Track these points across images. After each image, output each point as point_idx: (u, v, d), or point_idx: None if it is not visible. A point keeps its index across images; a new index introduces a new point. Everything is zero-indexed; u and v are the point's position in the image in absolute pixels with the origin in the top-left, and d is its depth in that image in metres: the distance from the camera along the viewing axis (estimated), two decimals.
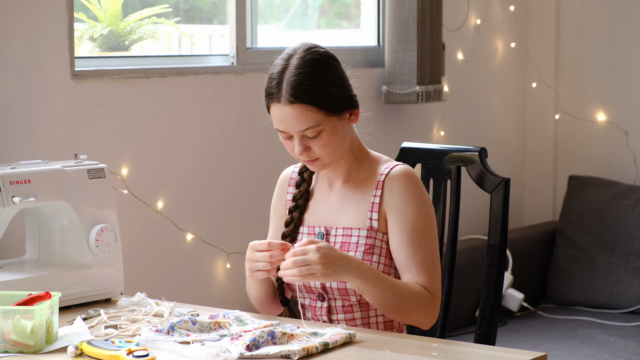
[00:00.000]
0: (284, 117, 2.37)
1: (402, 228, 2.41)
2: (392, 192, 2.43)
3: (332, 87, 2.39)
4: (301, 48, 2.43)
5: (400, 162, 2.49)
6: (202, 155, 3.54)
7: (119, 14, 3.46)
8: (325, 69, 2.40)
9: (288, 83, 2.36)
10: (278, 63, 2.42)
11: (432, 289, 2.39)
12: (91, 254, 2.63)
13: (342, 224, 2.47)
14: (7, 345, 2.16)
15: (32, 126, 3.03)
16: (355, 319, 2.43)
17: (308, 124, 2.36)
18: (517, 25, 4.93)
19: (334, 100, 2.38)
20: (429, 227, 2.42)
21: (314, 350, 2.12)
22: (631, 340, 4.05)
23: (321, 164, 2.43)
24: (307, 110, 2.35)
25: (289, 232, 2.52)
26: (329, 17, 4.50)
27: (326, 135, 2.38)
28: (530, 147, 5.04)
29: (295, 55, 2.41)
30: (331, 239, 2.47)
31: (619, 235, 4.50)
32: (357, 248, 2.43)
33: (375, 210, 2.44)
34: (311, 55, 2.40)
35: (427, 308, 2.38)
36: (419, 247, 2.40)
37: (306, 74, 2.37)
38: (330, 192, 2.51)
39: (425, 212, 2.42)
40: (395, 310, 2.35)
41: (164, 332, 2.21)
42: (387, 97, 4.18)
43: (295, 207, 2.53)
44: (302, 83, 2.36)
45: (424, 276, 2.39)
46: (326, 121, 2.38)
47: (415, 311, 2.37)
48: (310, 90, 2.36)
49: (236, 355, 2.07)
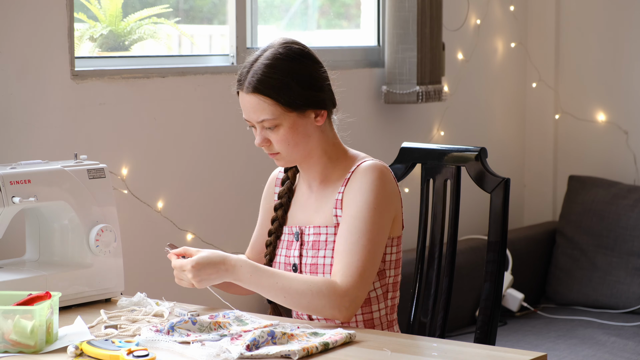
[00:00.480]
0: (244, 106, 2.42)
1: (346, 215, 2.39)
2: (351, 185, 2.42)
3: (294, 84, 2.39)
4: (278, 42, 2.45)
5: (374, 159, 2.46)
6: (202, 155, 3.54)
7: (119, 14, 3.46)
8: (292, 65, 2.41)
9: (253, 73, 2.39)
10: (254, 54, 2.45)
11: (343, 278, 2.32)
12: (91, 254, 2.63)
13: (314, 223, 2.48)
14: (7, 345, 2.16)
15: (32, 126, 3.03)
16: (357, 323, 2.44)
17: (264, 115, 2.39)
18: (517, 25, 4.93)
19: (293, 97, 2.39)
20: (373, 219, 2.36)
21: (314, 350, 2.12)
22: (631, 340, 4.05)
23: (282, 159, 2.46)
24: (264, 102, 2.38)
25: (274, 230, 2.56)
26: (329, 17, 4.50)
27: (283, 131, 2.40)
28: (530, 147, 5.04)
29: (271, 49, 2.43)
30: (305, 238, 2.48)
31: (619, 235, 4.50)
32: (326, 246, 2.44)
33: (338, 206, 2.44)
34: (283, 50, 2.42)
35: (329, 299, 2.30)
36: (351, 234, 2.36)
37: (271, 66, 2.39)
38: (309, 192, 2.53)
39: (374, 204, 2.37)
40: (292, 304, 2.33)
41: (164, 332, 2.21)
42: (387, 97, 4.18)
43: (279, 205, 2.56)
44: (265, 75, 2.38)
45: (340, 265, 2.34)
46: (284, 116, 2.39)
47: (314, 303, 2.30)
48: (269, 83, 2.38)
49: (236, 355, 2.07)
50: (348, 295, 2.31)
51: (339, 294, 2.31)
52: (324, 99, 2.44)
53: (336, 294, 2.31)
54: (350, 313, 2.32)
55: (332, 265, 2.40)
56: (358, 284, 2.33)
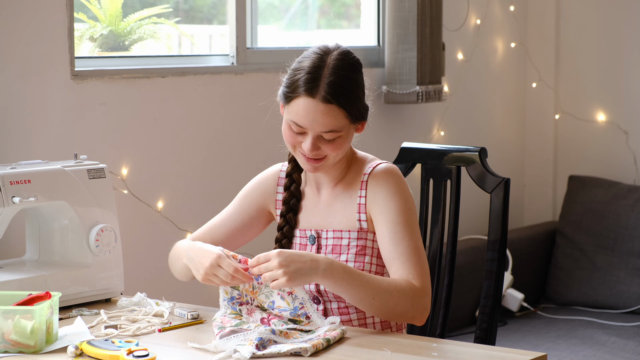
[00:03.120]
0: (312, 114, 2.33)
1: (384, 222, 2.38)
2: (374, 190, 2.42)
3: (362, 96, 2.39)
4: (337, 49, 2.40)
5: (384, 161, 2.48)
6: (202, 155, 3.54)
7: (119, 14, 3.46)
8: (359, 77, 2.40)
9: (328, 82, 2.33)
10: (311, 57, 2.37)
11: (418, 280, 2.32)
12: (91, 254, 2.63)
13: (332, 226, 2.46)
14: (7, 345, 2.16)
15: (32, 126, 3.03)
16: (351, 320, 2.43)
17: (334, 126, 2.34)
18: (517, 25, 4.93)
19: (360, 110, 2.38)
20: (411, 220, 2.38)
21: (320, 346, 2.14)
22: (631, 340, 4.05)
23: (323, 166, 2.40)
24: (339, 113, 2.34)
25: (286, 234, 2.49)
26: (329, 17, 4.50)
27: (340, 140, 2.37)
28: (530, 147, 5.04)
29: (332, 55, 2.38)
30: (322, 242, 2.46)
31: (619, 235, 4.50)
32: (349, 250, 2.43)
33: (362, 211, 2.43)
34: (349, 60, 2.39)
35: (413, 301, 2.29)
36: (401, 239, 2.36)
37: (346, 77, 2.35)
38: (318, 195, 2.51)
39: (407, 207, 2.39)
40: (378, 307, 2.28)
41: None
42: (387, 97, 4.18)
43: (288, 209, 2.51)
44: (342, 86, 2.34)
45: (407, 268, 2.33)
46: (347, 127, 2.37)
47: (400, 305, 2.29)
48: (348, 95, 2.34)
49: (248, 355, 2.08)
50: (425, 295, 2.32)
51: (420, 295, 2.31)
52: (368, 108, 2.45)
53: (418, 294, 2.31)
54: (426, 314, 2.33)
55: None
56: (428, 284, 2.34)
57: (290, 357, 2.11)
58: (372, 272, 2.41)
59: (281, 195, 2.55)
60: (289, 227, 2.50)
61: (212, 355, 2.11)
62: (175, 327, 2.35)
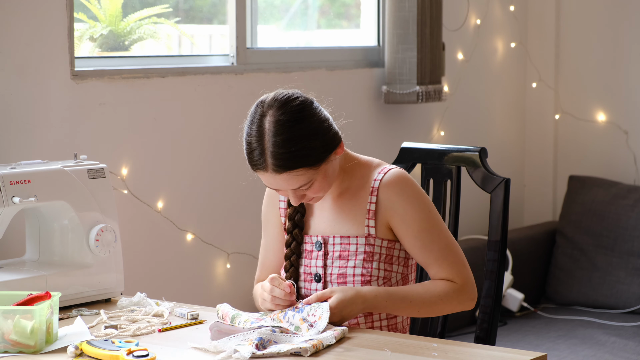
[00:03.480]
0: (274, 183, 2.36)
1: (411, 233, 2.42)
2: (389, 199, 2.42)
3: (314, 142, 2.33)
4: (272, 106, 2.33)
5: (392, 166, 2.47)
6: (202, 155, 3.54)
7: (119, 14, 3.46)
8: (302, 126, 2.32)
9: (271, 154, 2.30)
10: (253, 128, 2.32)
11: (458, 277, 2.42)
12: (91, 254, 2.63)
13: (340, 232, 2.46)
14: (7, 345, 2.16)
15: (32, 126, 3.03)
16: (359, 324, 2.44)
17: (299, 183, 2.35)
18: (517, 25, 4.93)
19: (319, 154, 2.34)
20: (435, 221, 2.43)
21: (320, 346, 2.14)
22: (631, 340, 4.05)
23: (316, 200, 2.44)
24: (296, 174, 2.33)
25: (294, 250, 2.50)
26: (329, 17, 4.50)
27: (318, 183, 2.37)
28: (530, 147, 5.04)
29: (267, 117, 2.31)
30: (329, 248, 2.46)
31: (619, 235, 4.50)
32: (357, 256, 2.43)
33: (371, 217, 2.43)
34: (285, 117, 2.31)
35: (458, 298, 2.41)
36: (431, 244, 2.42)
37: (285, 140, 2.29)
38: (323, 202, 2.50)
39: (427, 210, 2.43)
40: (426, 314, 2.44)
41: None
42: (387, 97, 4.18)
43: (294, 226, 2.51)
44: (285, 152, 2.30)
45: (445, 268, 2.42)
46: (316, 173, 2.35)
47: (446, 308, 2.42)
48: (295, 157, 2.31)
49: (248, 355, 2.08)
50: (469, 288, 2.43)
51: (463, 291, 2.42)
52: (336, 134, 2.40)
53: (461, 292, 2.42)
54: (475, 301, 2.45)
55: (361, 275, 2.42)
56: (469, 274, 2.45)
57: (290, 357, 2.11)
58: (380, 278, 2.43)
59: (283, 204, 2.56)
60: (297, 244, 2.51)
61: (212, 355, 2.11)
62: (175, 327, 2.35)
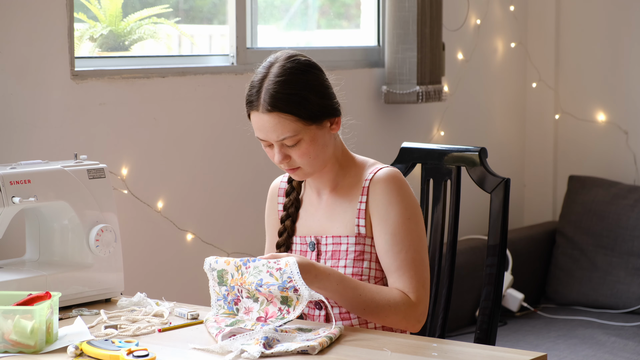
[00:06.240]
0: (262, 126, 2.35)
1: (384, 232, 2.39)
2: (375, 196, 2.41)
3: (312, 96, 2.36)
4: (282, 56, 2.39)
5: (386, 165, 2.47)
6: (202, 155, 3.54)
7: (119, 14, 3.46)
8: (305, 77, 2.37)
9: (267, 91, 2.34)
10: (259, 71, 2.39)
11: (413, 294, 2.36)
12: (91, 254, 2.63)
13: (332, 232, 2.46)
14: (7, 345, 2.16)
15: (32, 126, 3.03)
16: (353, 325, 2.44)
17: (286, 133, 2.34)
18: (517, 25, 4.93)
19: (313, 109, 2.36)
20: (411, 230, 2.39)
21: (325, 344, 2.15)
22: (631, 340, 4.05)
23: (302, 172, 2.42)
24: (285, 119, 2.33)
25: (283, 242, 2.52)
26: (329, 17, 4.50)
27: (305, 145, 2.36)
28: (530, 147, 5.04)
29: (276, 64, 2.38)
30: (322, 248, 2.46)
31: (619, 235, 4.50)
32: (347, 256, 2.43)
33: (361, 216, 2.42)
34: (291, 64, 2.37)
35: (406, 314, 2.35)
36: (399, 251, 2.38)
37: (285, 82, 2.34)
38: (319, 201, 2.50)
39: (407, 216, 2.39)
40: (370, 316, 2.36)
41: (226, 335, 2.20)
42: (387, 97, 4.18)
43: (287, 216, 2.52)
44: (281, 91, 2.33)
45: (404, 281, 2.37)
46: (305, 130, 2.35)
47: (390, 317, 2.35)
48: (289, 99, 2.33)
49: (257, 354, 2.08)
50: (420, 309, 2.37)
51: (413, 308, 2.36)
52: (337, 105, 2.42)
53: (411, 308, 2.35)
54: (421, 324, 2.38)
55: (352, 275, 2.40)
56: (424, 296, 2.38)
57: (297, 356, 2.11)
58: (372, 277, 2.42)
59: (282, 205, 2.57)
60: (287, 235, 2.51)
61: (216, 356, 2.11)
62: (175, 327, 2.35)
